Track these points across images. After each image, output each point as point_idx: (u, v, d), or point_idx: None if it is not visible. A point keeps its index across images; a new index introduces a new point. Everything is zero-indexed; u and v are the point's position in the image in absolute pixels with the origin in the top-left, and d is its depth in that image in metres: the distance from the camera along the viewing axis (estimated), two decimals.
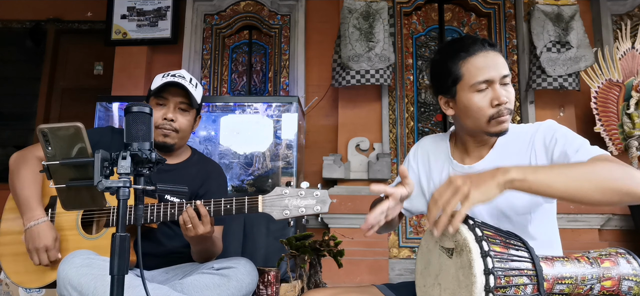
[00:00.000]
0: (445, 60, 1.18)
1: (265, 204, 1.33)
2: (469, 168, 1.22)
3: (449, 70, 1.16)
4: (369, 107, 3.67)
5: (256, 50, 4.13)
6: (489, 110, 1.13)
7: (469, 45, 1.15)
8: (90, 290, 1.28)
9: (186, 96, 1.61)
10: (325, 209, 1.31)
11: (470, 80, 1.13)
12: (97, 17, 4.41)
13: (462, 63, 1.15)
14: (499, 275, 0.88)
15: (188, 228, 1.37)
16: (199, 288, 1.42)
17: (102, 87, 4.28)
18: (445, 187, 0.93)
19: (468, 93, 1.14)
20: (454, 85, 1.16)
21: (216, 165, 1.80)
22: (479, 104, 1.13)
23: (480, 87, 1.12)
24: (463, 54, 1.15)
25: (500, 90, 1.12)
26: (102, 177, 0.94)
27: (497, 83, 1.13)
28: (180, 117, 1.62)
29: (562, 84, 3.46)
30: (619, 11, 3.93)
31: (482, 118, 1.14)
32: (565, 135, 1.11)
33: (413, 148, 1.39)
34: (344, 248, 1.94)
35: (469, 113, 1.15)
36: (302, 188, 1.32)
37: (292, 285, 1.84)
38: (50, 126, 0.98)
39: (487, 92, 1.13)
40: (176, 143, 1.64)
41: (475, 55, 1.14)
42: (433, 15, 3.99)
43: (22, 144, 4.17)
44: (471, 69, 1.13)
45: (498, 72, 1.13)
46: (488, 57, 1.14)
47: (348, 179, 3.45)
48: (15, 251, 1.56)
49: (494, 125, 1.14)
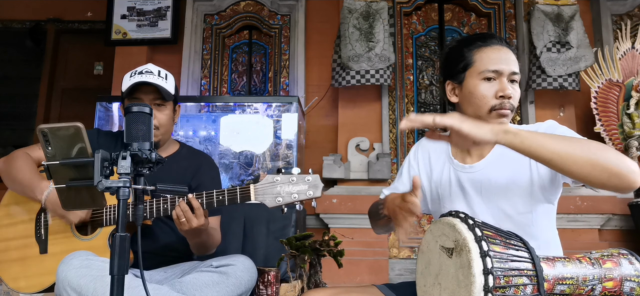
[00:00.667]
0: (461, 46, 1.22)
1: (257, 192, 1.31)
2: (470, 167, 1.22)
3: (463, 55, 1.20)
4: (369, 107, 3.67)
5: (256, 50, 4.13)
6: (492, 100, 1.15)
7: (487, 37, 1.20)
8: (89, 291, 1.28)
9: (157, 91, 1.59)
10: (318, 193, 1.29)
11: (480, 67, 1.16)
12: (97, 17, 4.41)
13: (476, 50, 1.19)
14: (498, 275, 0.88)
15: (182, 222, 1.36)
16: (198, 286, 1.42)
17: (102, 87, 4.28)
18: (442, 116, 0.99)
19: (476, 79, 1.17)
20: (464, 70, 1.20)
21: (207, 157, 1.79)
22: (483, 92, 1.16)
23: (488, 75, 1.15)
24: (479, 43, 1.19)
25: (507, 84, 1.15)
26: (102, 177, 0.94)
27: (505, 77, 1.15)
28: (158, 114, 1.60)
29: (562, 84, 3.46)
30: (619, 11, 3.93)
31: (484, 107, 1.16)
32: (565, 133, 1.12)
33: (413, 148, 1.40)
34: (344, 248, 1.94)
35: (473, 100, 1.18)
36: (293, 174, 1.30)
37: (292, 285, 1.84)
38: (50, 126, 0.98)
39: (494, 83, 1.16)
40: (160, 140, 1.63)
41: (490, 46, 1.18)
42: (433, 15, 3.99)
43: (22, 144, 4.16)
44: (483, 57, 1.17)
45: (508, 66, 1.16)
46: (502, 51, 1.17)
47: (348, 179, 3.45)
48: (11, 257, 1.55)
49: (494, 116, 1.15)
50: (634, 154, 3.38)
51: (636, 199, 3.24)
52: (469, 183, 1.21)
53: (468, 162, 1.24)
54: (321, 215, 3.32)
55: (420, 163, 1.35)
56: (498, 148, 1.19)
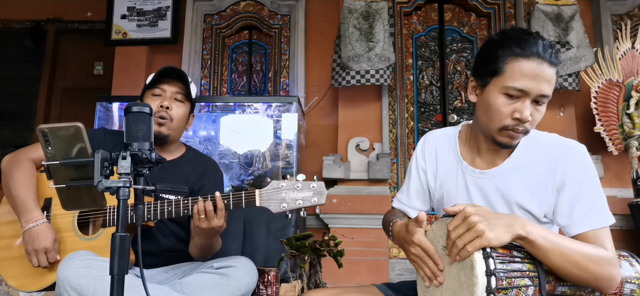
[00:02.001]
0: (499, 46, 1.08)
1: (262, 198, 1.33)
2: (481, 173, 1.17)
3: (496, 57, 1.07)
4: (369, 107, 3.67)
5: (256, 50, 4.13)
6: (506, 119, 1.06)
7: (529, 46, 1.04)
8: (89, 290, 1.28)
9: (183, 86, 1.61)
10: (323, 200, 1.30)
11: (507, 81, 1.05)
12: (97, 17, 4.41)
13: (511, 59, 1.05)
14: (501, 276, 0.88)
15: (201, 219, 1.35)
16: (198, 287, 1.42)
17: (102, 87, 4.28)
18: (459, 220, 0.93)
19: (498, 91, 1.07)
20: (492, 75, 1.08)
21: (212, 161, 1.80)
22: (500, 108, 1.06)
23: (511, 93, 1.05)
24: (517, 51, 1.05)
25: (528, 108, 1.04)
26: (102, 177, 0.93)
27: (529, 99, 1.05)
28: (176, 107, 1.63)
29: (562, 84, 3.46)
30: (619, 11, 3.93)
31: (496, 122, 1.08)
32: (582, 185, 1.05)
33: (420, 145, 1.33)
34: (344, 248, 1.93)
35: (488, 111, 1.09)
36: (298, 180, 1.32)
37: (292, 285, 1.84)
38: (50, 126, 0.98)
39: (516, 102, 1.05)
40: (170, 134, 1.63)
41: (527, 59, 1.03)
42: (433, 15, 3.99)
43: (22, 144, 4.16)
44: (515, 70, 1.04)
45: (538, 88, 1.03)
46: (539, 68, 1.03)
47: (348, 179, 3.45)
48: (12, 255, 1.55)
49: (504, 135, 1.08)
50: (634, 154, 3.38)
51: (636, 199, 3.24)
52: (475, 188, 1.18)
53: (478, 166, 1.19)
54: (321, 215, 3.32)
55: (427, 159, 1.30)
56: (515, 159, 1.14)
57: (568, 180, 1.06)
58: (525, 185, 1.10)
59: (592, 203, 1.04)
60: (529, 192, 1.10)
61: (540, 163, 1.10)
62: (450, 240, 0.94)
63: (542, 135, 1.15)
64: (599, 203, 1.04)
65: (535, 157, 1.12)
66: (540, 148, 1.12)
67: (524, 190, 1.10)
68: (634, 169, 3.34)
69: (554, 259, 0.93)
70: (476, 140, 1.20)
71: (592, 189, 1.05)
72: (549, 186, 1.08)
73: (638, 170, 3.32)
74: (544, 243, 0.93)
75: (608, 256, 0.97)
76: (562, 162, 1.07)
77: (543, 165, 1.09)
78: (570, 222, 1.05)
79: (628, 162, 3.49)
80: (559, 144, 1.10)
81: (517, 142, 1.12)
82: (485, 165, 1.18)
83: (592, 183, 1.05)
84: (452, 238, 0.94)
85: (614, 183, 3.64)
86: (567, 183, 1.06)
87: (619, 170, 3.65)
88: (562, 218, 1.06)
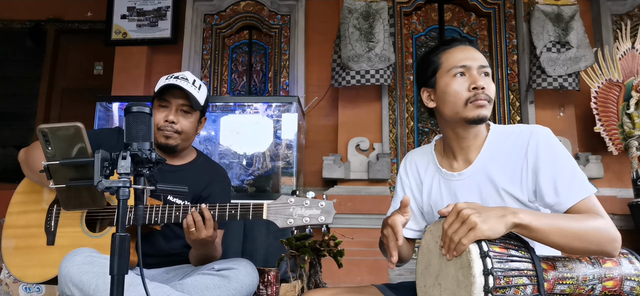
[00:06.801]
0: (428, 54, 1.25)
1: (269, 211, 1.33)
2: (459, 175, 1.20)
3: (430, 60, 1.23)
4: (369, 107, 3.67)
5: (256, 50, 4.14)
6: (465, 93, 1.15)
7: (450, 41, 1.24)
8: (91, 287, 1.28)
9: (187, 98, 1.61)
10: (330, 220, 1.31)
11: (448, 66, 1.18)
12: (97, 17, 4.41)
13: (442, 54, 1.21)
14: (498, 276, 0.88)
15: (191, 231, 1.37)
16: (199, 289, 1.42)
17: (102, 87, 4.28)
18: (453, 216, 0.95)
19: (446, 78, 1.18)
20: (433, 74, 1.22)
21: (221, 169, 1.80)
22: (456, 88, 1.16)
23: (457, 71, 1.17)
24: (443, 48, 1.22)
25: (478, 77, 1.15)
26: (102, 177, 0.93)
27: (474, 71, 1.16)
28: (182, 119, 1.62)
29: (562, 84, 3.46)
30: (619, 11, 3.93)
31: (459, 102, 1.16)
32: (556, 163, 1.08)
33: (402, 165, 1.40)
34: (344, 248, 1.94)
35: (447, 97, 1.18)
36: (307, 197, 1.32)
37: (292, 285, 1.84)
38: (50, 126, 0.98)
39: (465, 78, 1.16)
40: (179, 145, 1.64)
41: (454, 47, 1.21)
42: (433, 15, 3.99)
43: (22, 144, 4.17)
44: (449, 57, 1.19)
45: (475, 59, 1.18)
46: (466, 50, 1.20)
47: (348, 179, 3.45)
48: (19, 245, 1.56)
49: (471, 108, 1.15)
50: (634, 154, 3.39)
51: (636, 199, 3.24)
52: (460, 191, 1.20)
53: (456, 169, 1.23)
54: None
55: (410, 178, 1.35)
56: (486, 152, 1.18)
57: (541, 161, 1.10)
58: (504, 172, 1.14)
59: (573, 175, 1.07)
60: (508, 178, 1.14)
61: (510, 149, 1.15)
62: (446, 237, 0.96)
63: (506, 127, 1.22)
64: (579, 175, 1.08)
65: (504, 145, 1.17)
66: (506, 136, 1.18)
67: (504, 176, 1.14)
68: (634, 169, 3.34)
69: (553, 238, 0.96)
70: (449, 146, 1.25)
71: (567, 164, 1.09)
72: (523, 169, 1.12)
73: (638, 170, 3.32)
74: (540, 225, 0.95)
75: (604, 221, 1.01)
76: (531, 144, 1.12)
77: (514, 151, 1.14)
78: (557, 199, 1.07)
79: (628, 162, 3.49)
80: (524, 130, 1.16)
81: (487, 113, 1.17)
82: (462, 165, 1.22)
83: (566, 158, 1.10)
84: (448, 234, 0.95)
85: (614, 183, 3.64)
86: (541, 164, 1.09)
87: (619, 170, 3.65)
88: (548, 197, 1.08)
